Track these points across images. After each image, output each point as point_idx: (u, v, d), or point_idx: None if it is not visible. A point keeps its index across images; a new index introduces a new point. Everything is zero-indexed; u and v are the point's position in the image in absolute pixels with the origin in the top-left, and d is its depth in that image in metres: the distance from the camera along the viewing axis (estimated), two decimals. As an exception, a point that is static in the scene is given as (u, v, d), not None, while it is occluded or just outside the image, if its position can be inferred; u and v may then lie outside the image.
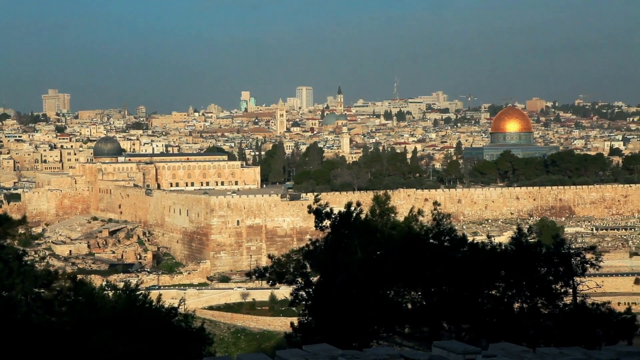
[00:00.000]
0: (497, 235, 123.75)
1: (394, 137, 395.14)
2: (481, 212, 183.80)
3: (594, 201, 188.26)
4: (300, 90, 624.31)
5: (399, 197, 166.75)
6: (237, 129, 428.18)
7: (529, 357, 14.77)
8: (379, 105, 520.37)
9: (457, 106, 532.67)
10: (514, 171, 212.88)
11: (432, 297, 31.02)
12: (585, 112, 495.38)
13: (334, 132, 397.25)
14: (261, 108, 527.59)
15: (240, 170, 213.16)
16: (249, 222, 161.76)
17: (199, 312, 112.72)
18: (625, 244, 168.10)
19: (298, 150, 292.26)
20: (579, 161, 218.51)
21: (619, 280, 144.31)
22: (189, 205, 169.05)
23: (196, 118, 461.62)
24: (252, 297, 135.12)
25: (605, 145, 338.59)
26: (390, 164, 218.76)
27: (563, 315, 30.38)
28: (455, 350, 14.94)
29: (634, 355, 14.45)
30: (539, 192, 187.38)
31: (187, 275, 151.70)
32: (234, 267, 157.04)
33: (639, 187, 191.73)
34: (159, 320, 29.15)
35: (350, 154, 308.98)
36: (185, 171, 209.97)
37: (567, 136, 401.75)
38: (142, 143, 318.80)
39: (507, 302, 30.94)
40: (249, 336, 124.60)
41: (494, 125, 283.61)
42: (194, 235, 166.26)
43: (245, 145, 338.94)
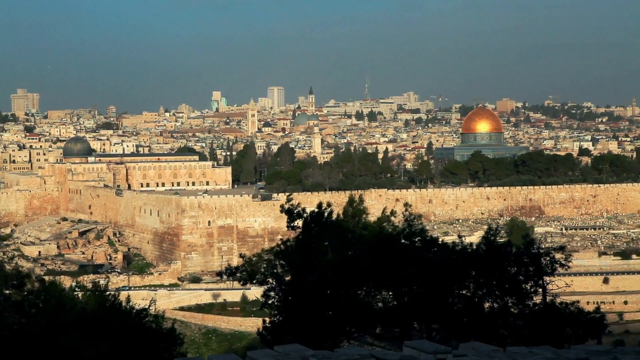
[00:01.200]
0: (467, 235, 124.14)
1: (365, 137, 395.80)
2: (452, 212, 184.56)
3: (564, 201, 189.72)
4: (271, 90, 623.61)
5: (371, 197, 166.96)
6: (208, 129, 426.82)
7: (499, 357, 14.85)
8: (350, 105, 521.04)
9: (428, 107, 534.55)
10: (485, 171, 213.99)
11: (403, 297, 31.11)
12: (554, 112, 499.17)
13: (306, 132, 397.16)
14: (232, 108, 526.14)
15: (212, 171, 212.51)
16: (220, 222, 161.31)
17: (170, 312, 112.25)
18: (594, 244, 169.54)
19: (269, 151, 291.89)
20: (548, 161, 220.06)
21: (588, 279, 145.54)
22: (160, 206, 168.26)
23: (167, 118, 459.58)
24: (224, 298, 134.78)
25: (574, 145, 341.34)
26: (362, 164, 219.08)
27: (533, 314, 30.58)
28: (426, 350, 14.99)
29: (602, 354, 14.58)
30: (509, 192, 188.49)
31: (157, 276, 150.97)
32: (205, 268, 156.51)
33: (608, 187, 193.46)
34: (129, 321, 28.99)
35: (322, 154, 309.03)
36: (156, 171, 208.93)
37: (537, 136, 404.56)
38: (113, 143, 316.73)
39: (477, 302, 31.09)
40: (220, 337, 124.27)
41: (465, 126, 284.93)
42: (164, 236, 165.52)
43: (216, 146, 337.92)
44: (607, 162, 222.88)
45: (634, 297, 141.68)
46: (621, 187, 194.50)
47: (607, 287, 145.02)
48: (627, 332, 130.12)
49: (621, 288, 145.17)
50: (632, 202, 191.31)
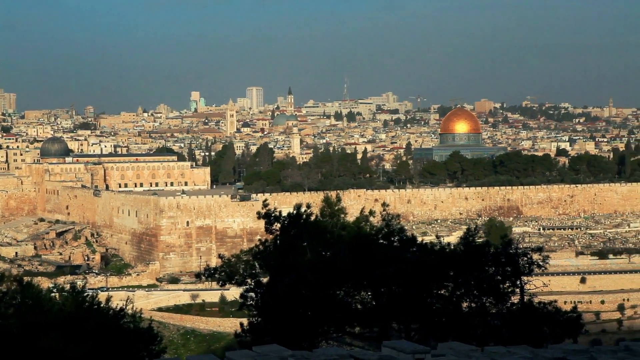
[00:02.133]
0: (446, 236, 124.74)
1: (344, 137, 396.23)
2: (430, 212, 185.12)
3: (541, 201, 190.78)
4: (250, 90, 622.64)
5: (349, 197, 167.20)
6: (186, 130, 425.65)
7: (477, 356, 14.90)
8: (329, 106, 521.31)
9: (406, 107, 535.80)
10: (463, 172, 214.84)
11: (381, 297, 31.14)
12: (532, 113, 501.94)
13: (285, 132, 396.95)
14: (211, 108, 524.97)
15: (190, 171, 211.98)
16: (198, 223, 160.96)
17: (148, 313, 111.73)
18: (571, 244, 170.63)
19: (248, 151, 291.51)
20: (526, 162, 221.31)
21: (565, 279, 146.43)
22: (138, 206, 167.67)
23: (145, 118, 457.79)
24: (202, 298, 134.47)
25: (552, 146, 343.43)
26: (341, 165, 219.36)
27: (510, 314, 30.71)
28: (404, 350, 15.02)
29: (579, 354, 14.66)
30: (488, 193, 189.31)
31: (135, 276, 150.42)
32: (183, 268, 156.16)
33: (585, 188, 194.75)
34: (107, 322, 28.87)
35: (301, 154, 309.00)
36: (134, 172, 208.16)
37: (515, 137, 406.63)
38: (90, 143, 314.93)
39: (455, 302, 31.18)
40: (199, 337, 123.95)
41: (443, 126, 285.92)
42: (143, 236, 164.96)
43: (195, 146, 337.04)
44: (584, 162, 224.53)
45: (610, 296, 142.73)
46: (598, 188, 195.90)
47: (584, 287, 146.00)
48: (603, 332, 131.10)
49: (598, 288, 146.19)
50: (608, 202, 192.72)
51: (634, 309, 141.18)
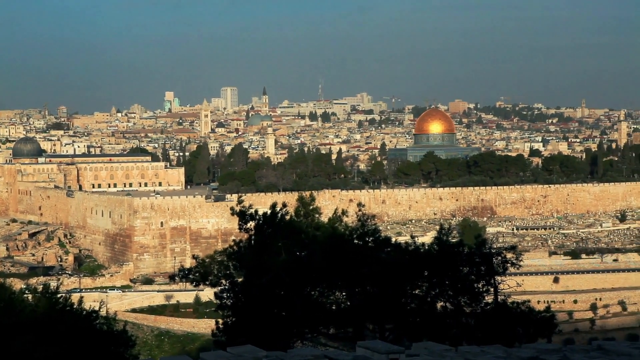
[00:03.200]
0: (420, 236, 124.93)
1: (319, 138, 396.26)
2: (405, 212, 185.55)
3: (515, 201, 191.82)
4: (224, 90, 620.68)
5: (324, 197, 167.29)
6: (160, 130, 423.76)
7: (451, 356, 14.94)
8: (303, 106, 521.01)
9: (381, 107, 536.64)
10: (437, 172, 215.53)
11: (356, 298, 31.18)
12: (506, 113, 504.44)
13: (259, 133, 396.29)
14: (185, 108, 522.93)
15: (164, 171, 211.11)
16: (173, 223, 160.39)
17: (122, 314, 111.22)
18: (544, 244, 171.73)
19: (223, 151, 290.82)
20: (500, 162, 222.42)
21: (539, 279, 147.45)
22: (112, 207, 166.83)
23: (119, 118, 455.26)
24: (177, 299, 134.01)
25: (525, 146, 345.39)
26: (315, 165, 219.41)
27: (484, 314, 30.84)
28: (379, 350, 15.03)
29: (552, 353, 14.74)
30: (462, 193, 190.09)
31: (109, 277, 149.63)
32: (157, 269, 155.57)
33: (558, 188, 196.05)
34: (80, 324, 28.67)
35: (276, 154, 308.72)
36: (108, 172, 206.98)
37: (489, 137, 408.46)
38: (63, 144, 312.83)
39: (430, 302, 31.28)
40: (173, 338, 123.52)
41: (418, 127, 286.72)
42: (116, 237, 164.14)
43: (169, 146, 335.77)
44: (557, 162, 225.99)
45: (583, 296, 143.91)
46: (571, 188, 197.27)
47: (557, 287, 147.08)
48: (576, 331, 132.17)
49: (571, 287, 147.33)
50: (581, 203, 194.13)
51: (606, 308, 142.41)
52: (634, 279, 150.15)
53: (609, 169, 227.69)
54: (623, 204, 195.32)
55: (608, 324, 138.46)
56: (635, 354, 14.40)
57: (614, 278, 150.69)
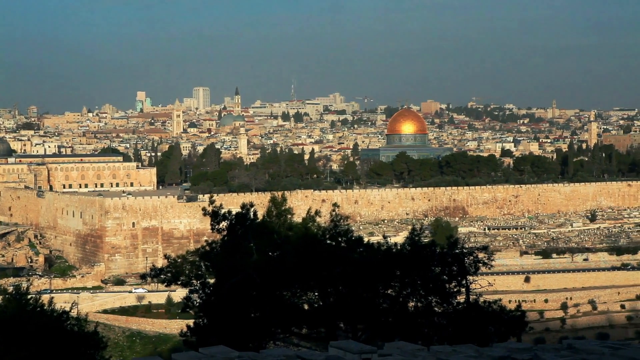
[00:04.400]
0: (393, 236, 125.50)
1: (291, 138, 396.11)
2: (377, 212, 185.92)
3: (486, 201, 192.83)
4: (197, 90, 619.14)
5: (297, 198, 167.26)
6: (132, 130, 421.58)
7: (423, 356, 14.96)
8: (276, 106, 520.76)
9: (353, 108, 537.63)
10: (410, 172, 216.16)
11: (328, 298, 31.17)
12: (477, 114, 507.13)
13: (232, 133, 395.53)
14: (157, 108, 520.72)
15: (136, 172, 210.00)
16: (144, 224, 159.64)
17: (93, 315, 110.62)
18: (516, 243, 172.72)
19: (195, 151, 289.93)
20: (472, 162, 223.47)
21: (510, 278, 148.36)
22: (83, 207, 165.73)
23: (90, 118, 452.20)
24: (148, 300, 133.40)
25: (496, 146, 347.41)
26: (288, 165, 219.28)
27: (456, 313, 30.93)
28: (351, 350, 15.03)
29: (523, 352, 14.81)
30: (434, 193, 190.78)
31: (80, 278, 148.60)
32: (129, 270, 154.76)
33: (529, 188, 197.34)
34: (51, 325, 28.43)
35: (248, 155, 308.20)
36: (79, 172, 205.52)
37: (461, 138, 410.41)
38: (34, 144, 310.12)
39: (402, 302, 31.32)
40: (145, 339, 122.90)
41: (390, 127, 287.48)
42: (88, 238, 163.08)
43: (140, 146, 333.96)
44: (528, 163, 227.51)
45: (554, 295, 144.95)
46: (542, 188, 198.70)
47: (528, 286, 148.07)
48: (547, 330, 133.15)
49: (542, 287, 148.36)
50: (552, 202, 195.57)
51: (576, 307, 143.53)
52: (603, 278, 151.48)
53: (580, 169, 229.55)
54: (593, 203, 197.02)
55: (578, 323, 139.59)
56: (605, 353, 14.51)
57: (584, 277, 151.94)
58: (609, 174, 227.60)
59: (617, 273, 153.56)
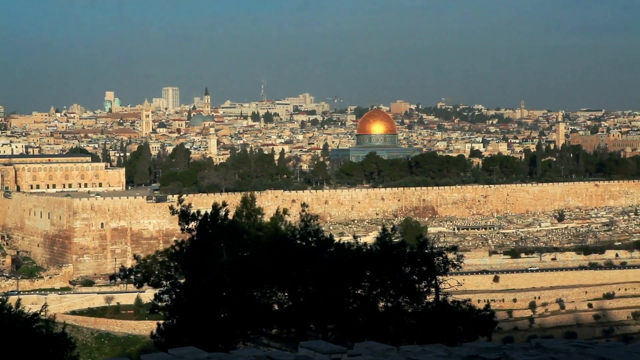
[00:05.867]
0: (363, 236, 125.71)
1: (261, 138, 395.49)
2: (347, 212, 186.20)
3: (456, 201, 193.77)
4: (166, 90, 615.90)
5: (267, 198, 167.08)
6: (101, 130, 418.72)
7: (392, 356, 15.01)
8: (246, 106, 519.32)
9: (323, 108, 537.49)
10: (379, 172, 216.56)
11: (298, 298, 31.18)
12: (447, 114, 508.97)
13: (201, 133, 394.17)
14: (126, 108, 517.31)
15: (105, 172, 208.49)
16: (113, 224, 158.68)
17: (61, 317, 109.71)
18: (485, 243, 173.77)
19: (164, 152, 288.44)
20: (441, 162, 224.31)
21: (479, 278, 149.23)
22: (51, 208, 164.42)
23: (58, 118, 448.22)
24: (117, 301, 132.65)
25: (466, 147, 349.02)
26: (258, 166, 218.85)
27: (426, 313, 31.05)
28: (321, 350, 15.04)
29: (492, 351, 14.89)
30: (403, 193, 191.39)
31: (48, 279, 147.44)
32: (98, 271, 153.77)
33: (498, 188, 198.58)
34: (18, 326, 28.17)
35: (218, 155, 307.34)
36: (47, 173, 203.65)
37: (430, 138, 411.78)
38: (1, 144, 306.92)
39: (372, 302, 31.39)
40: (113, 341, 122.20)
41: (360, 127, 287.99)
42: (55, 239, 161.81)
43: (109, 147, 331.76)
44: (497, 163, 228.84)
45: (522, 294, 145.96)
46: (510, 188, 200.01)
47: (497, 285, 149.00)
48: (515, 329, 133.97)
49: (510, 286, 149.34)
50: (520, 202, 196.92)
51: (544, 306, 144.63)
52: (571, 277, 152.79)
53: (548, 170, 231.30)
54: (561, 203, 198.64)
55: (546, 322, 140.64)
56: (572, 352, 14.63)
57: (552, 277, 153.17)
58: (576, 174, 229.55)
59: (584, 272, 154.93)
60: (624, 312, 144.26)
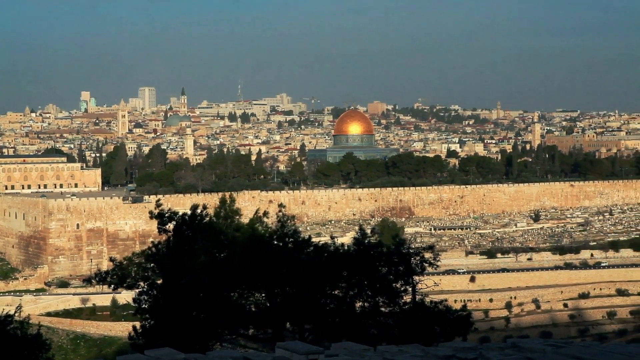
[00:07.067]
0: (340, 236, 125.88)
1: (238, 138, 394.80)
2: (325, 213, 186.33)
3: (432, 202, 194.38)
4: (142, 90, 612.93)
5: (244, 198, 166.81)
6: (76, 130, 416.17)
7: (369, 356, 15.04)
8: (223, 106, 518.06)
9: (300, 108, 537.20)
10: (356, 173, 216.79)
11: (275, 299, 31.16)
12: (424, 115, 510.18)
13: (178, 133, 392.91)
14: (102, 109, 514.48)
15: (80, 173, 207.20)
16: (89, 225, 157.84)
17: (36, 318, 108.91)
18: (461, 243, 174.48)
19: (140, 152, 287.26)
20: (418, 163, 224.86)
21: (456, 278, 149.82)
22: (26, 209, 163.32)
23: (33, 119, 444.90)
24: (93, 302, 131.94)
25: (442, 147, 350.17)
26: (235, 166, 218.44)
27: (403, 313, 31.11)
28: (298, 350, 15.05)
29: (468, 351, 14.96)
30: (380, 193, 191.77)
31: (23, 280, 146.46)
32: (73, 272, 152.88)
33: (474, 189, 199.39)
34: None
35: (194, 155, 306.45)
36: (22, 173, 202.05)
37: (407, 138, 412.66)
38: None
39: (349, 302, 31.43)
40: (89, 342, 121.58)
41: (337, 128, 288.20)
42: (30, 240, 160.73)
43: (85, 147, 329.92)
44: (473, 163, 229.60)
45: (498, 294, 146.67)
46: (487, 188, 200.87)
47: (474, 285, 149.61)
48: (492, 329, 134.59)
49: (487, 286, 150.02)
50: (497, 203, 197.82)
51: (520, 306, 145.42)
52: (547, 277, 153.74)
53: (524, 170, 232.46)
54: (537, 204, 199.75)
55: (522, 321, 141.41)
56: (548, 351, 14.73)
57: (528, 277, 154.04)
58: (552, 175, 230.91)
59: (560, 272, 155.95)
60: (599, 312, 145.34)
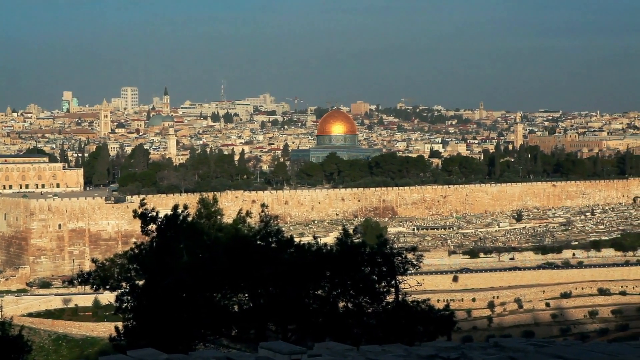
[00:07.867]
0: (323, 236, 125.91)
1: (221, 138, 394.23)
2: (308, 213, 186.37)
3: (415, 202, 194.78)
4: (125, 90, 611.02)
5: (227, 198, 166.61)
6: (58, 130, 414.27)
7: (352, 356, 15.05)
8: (206, 106, 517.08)
9: (284, 108, 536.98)
10: (340, 173, 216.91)
11: (258, 299, 31.13)
12: (407, 115, 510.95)
13: (160, 133, 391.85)
14: (84, 108, 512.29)
15: (62, 173, 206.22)
16: (71, 225, 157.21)
17: (18, 319, 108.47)
18: (444, 243, 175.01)
19: (123, 152, 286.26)
20: (401, 163, 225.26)
21: (439, 278, 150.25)
22: (7, 209, 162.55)
23: (14, 118, 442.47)
24: (75, 303, 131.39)
25: (425, 147, 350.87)
26: (218, 166, 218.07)
27: (386, 313, 31.16)
28: (281, 350, 15.04)
29: (451, 350, 14.99)
30: (364, 193, 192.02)
31: (4, 281, 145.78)
32: (55, 272, 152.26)
33: (457, 188, 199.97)
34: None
35: (177, 155, 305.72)
36: (3, 174, 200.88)
37: (390, 139, 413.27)
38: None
39: (332, 302, 31.44)
40: (71, 343, 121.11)
41: (320, 128, 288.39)
42: (12, 240, 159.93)
43: (67, 147, 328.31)
44: (456, 163, 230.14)
45: (481, 294, 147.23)
46: (469, 188, 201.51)
47: (457, 285, 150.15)
48: (475, 329, 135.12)
49: (469, 286, 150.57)
50: (479, 203, 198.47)
51: (503, 306, 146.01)
52: (529, 277, 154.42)
53: (506, 170, 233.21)
54: (519, 203, 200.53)
55: (505, 321, 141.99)
56: (530, 350, 14.78)
57: (511, 276, 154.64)
58: (534, 175, 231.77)
59: (542, 272, 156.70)
60: (581, 311, 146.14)
